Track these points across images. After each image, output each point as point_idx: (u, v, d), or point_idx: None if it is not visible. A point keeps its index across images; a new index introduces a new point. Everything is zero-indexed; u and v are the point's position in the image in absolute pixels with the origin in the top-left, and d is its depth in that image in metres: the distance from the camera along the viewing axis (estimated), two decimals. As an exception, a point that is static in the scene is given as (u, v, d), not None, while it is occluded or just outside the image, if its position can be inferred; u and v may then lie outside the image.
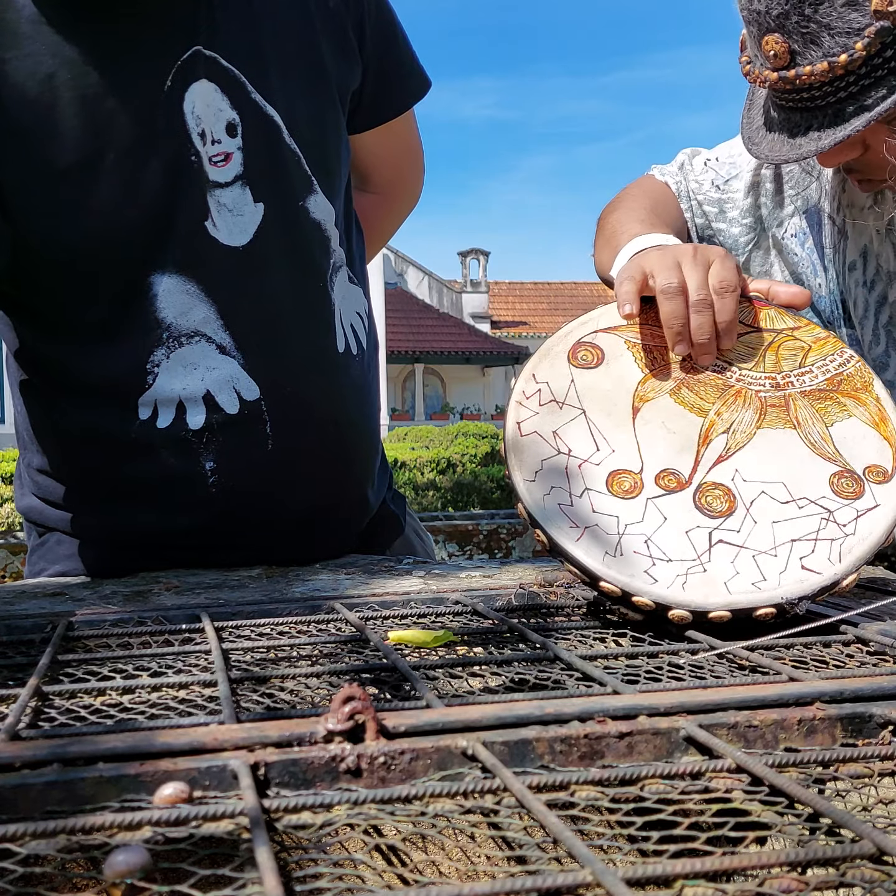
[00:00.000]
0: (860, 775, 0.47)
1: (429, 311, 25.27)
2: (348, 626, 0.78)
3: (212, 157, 1.03)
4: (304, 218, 1.10)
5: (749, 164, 1.29)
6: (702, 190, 1.31)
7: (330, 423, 1.14)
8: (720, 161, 1.32)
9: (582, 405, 0.84)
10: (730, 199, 1.30)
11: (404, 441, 9.73)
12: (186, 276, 1.04)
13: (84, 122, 0.97)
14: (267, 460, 1.09)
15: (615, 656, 0.68)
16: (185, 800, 0.43)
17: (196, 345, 1.05)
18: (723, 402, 0.85)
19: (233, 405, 1.07)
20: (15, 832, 0.40)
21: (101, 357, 1.06)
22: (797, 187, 1.27)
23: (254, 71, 1.04)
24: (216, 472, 1.08)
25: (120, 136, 0.98)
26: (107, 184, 0.99)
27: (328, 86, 1.12)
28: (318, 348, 1.12)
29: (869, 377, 0.86)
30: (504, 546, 3.57)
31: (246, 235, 1.05)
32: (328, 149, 1.13)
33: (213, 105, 1.02)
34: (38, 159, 0.97)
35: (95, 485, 1.14)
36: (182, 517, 1.11)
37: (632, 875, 0.35)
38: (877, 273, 1.21)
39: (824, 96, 0.98)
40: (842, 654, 0.68)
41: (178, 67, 1.00)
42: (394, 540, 1.30)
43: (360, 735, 0.47)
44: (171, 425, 1.06)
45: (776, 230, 1.29)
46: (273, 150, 1.06)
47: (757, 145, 1.09)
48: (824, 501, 0.79)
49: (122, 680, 0.63)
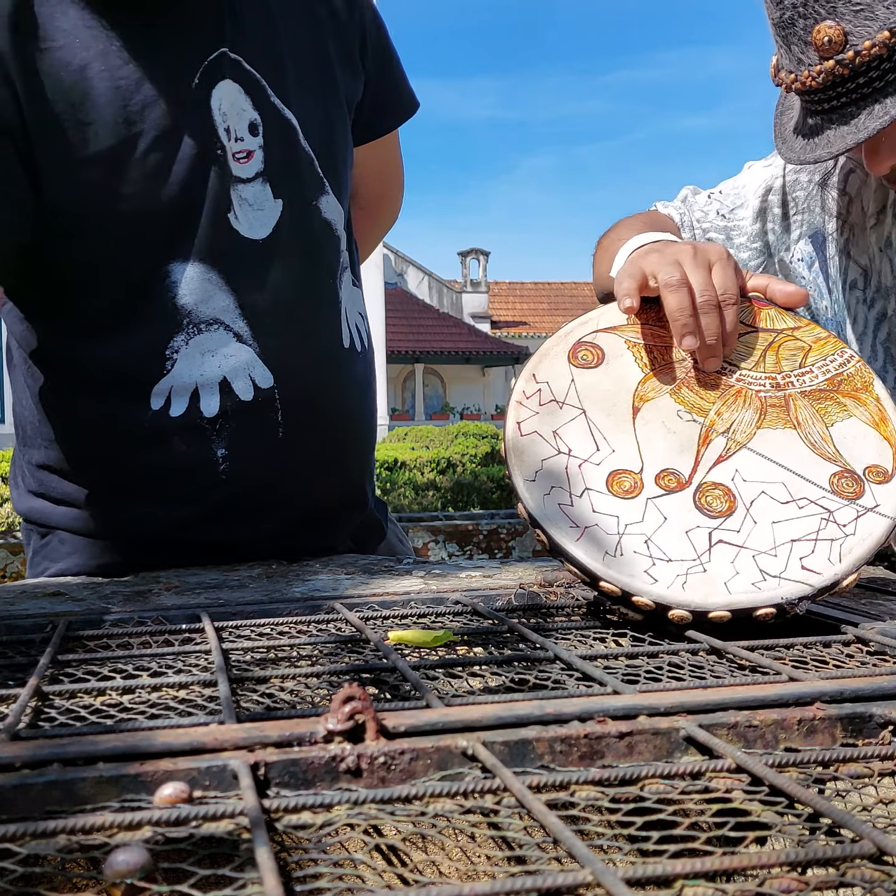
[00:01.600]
0: (860, 775, 0.47)
1: (429, 311, 25.26)
2: (348, 626, 0.78)
3: (235, 153, 1.08)
4: (317, 217, 1.15)
5: (757, 190, 1.32)
6: (707, 219, 1.34)
7: (336, 415, 1.18)
8: (724, 193, 1.36)
9: (582, 405, 0.84)
10: (736, 226, 1.33)
11: (404, 441, 9.72)
12: (208, 265, 1.07)
13: (116, 112, 1.01)
14: (277, 448, 1.13)
15: (615, 656, 0.68)
16: (185, 800, 0.43)
17: (215, 332, 1.09)
18: (723, 402, 0.85)
19: (248, 392, 1.10)
20: (15, 832, 0.40)
21: (120, 344, 1.08)
22: (803, 213, 1.29)
23: (273, 76, 1.10)
24: (227, 460, 1.11)
25: (150, 127, 1.03)
26: (137, 171, 1.03)
27: (337, 95, 1.19)
28: (328, 342, 1.17)
29: (869, 377, 0.86)
30: (504, 546, 3.57)
31: (266, 229, 1.10)
32: (337, 154, 1.19)
33: (237, 105, 1.08)
34: (72, 143, 1.01)
35: (104, 476, 1.15)
36: (190, 505, 1.12)
37: (632, 875, 0.35)
38: (877, 290, 1.23)
39: (871, 81, 0.98)
40: (842, 654, 0.68)
41: (205, 67, 1.06)
42: (377, 545, 1.32)
43: (360, 735, 0.47)
44: (185, 413, 1.09)
45: (784, 254, 1.31)
46: (290, 151, 1.12)
47: (791, 149, 1.10)
48: (824, 501, 0.79)
49: (122, 680, 0.63)
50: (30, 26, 0.98)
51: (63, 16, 1.00)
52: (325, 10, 1.18)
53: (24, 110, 0.98)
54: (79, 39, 1.00)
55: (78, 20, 1.00)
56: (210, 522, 1.13)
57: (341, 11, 1.19)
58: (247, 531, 1.15)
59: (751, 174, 1.35)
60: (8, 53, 0.97)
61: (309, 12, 1.16)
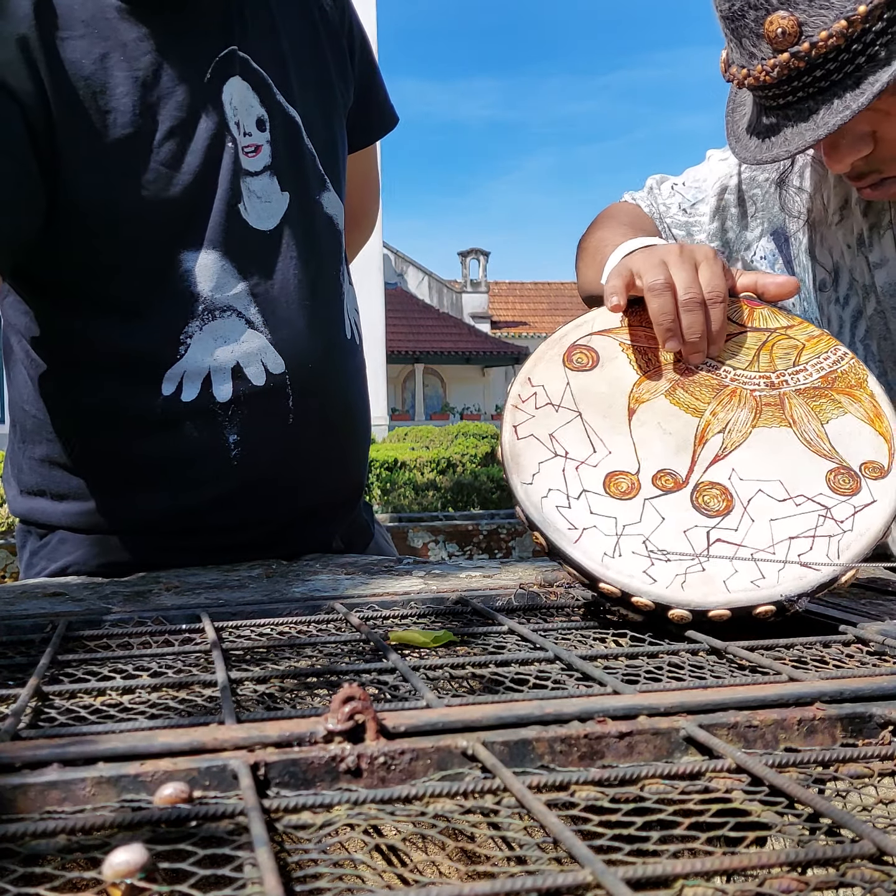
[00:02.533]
0: (860, 775, 0.47)
1: (429, 311, 25.27)
2: (348, 626, 0.78)
3: (244, 147, 1.11)
4: (320, 211, 1.19)
5: (714, 187, 1.29)
6: (669, 213, 1.32)
7: (341, 404, 1.21)
8: (686, 185, 1.32)
9: (578, 407, 0.84)
10: (696, 222, 1.31)
11: (404, 441, 9.72)
12: (221, 252, 1.10)
13: (134, 101, 1.04)
14: (287, 434, 1.15)
15: (615, 656, 0.68)
16: (185, 800, 0.43)
17: (228, 319, 1.11)
18: (718, 402, 0.85)
19: (260, 377, 1.12)
20: (15, 832, 0.40)
21: (135, 327, 1.10)
22: (762, 210, 1.27)
23: (277, 75, 1.14)
24: (238, 445, 1.13)
25: (167, 117, 1.06)
26: (153, 159, 1.06)
27: (335, 98, 1.23)
28: (334, 332, 1.20)
29: (863, 374, 0.86)
30: (504, 546, 3.57)
31: (273, 221, 1.14)
32: (336, 154, 1.23)
33: (246, 101, 1.11)
34: (92, 130, 1.03)
35: (112, 466, 1.15)
36: (201, 492, 1.13)
37: (632, 875, 0.35)
38: (850, 288, 1.21)
39: (829, 74, 0.93)
40: (842, 654, 0.68)
41: (216, 62, 1.10)
42: (366, 546, 1.34)
43: (360, 735, 0.47)
44: (197, 398, 1.11)
45: (745, 253, 1.29)
46: (295, 147, 1.16)
47: (746, 149, 1.05)
48: (821, 498, 0.79)
49: (122, 680, 0.63)
50: (50, 16, 1.01)
51: (81, 8, 1.03)
52: (321, 19, 1.22)
53: (48, 96, 1.01)
54: (97, 30, 1.04)
55: (96, 12, 1.04)
56: (219, 509, 1.14)
57: (334, 22, 1.24)
58: (253, 519, 1.17)
59: (709, 167, 1.32)
60: (33, 38, 1.00)
61: (308, 19, 1.21)
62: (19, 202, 1.02)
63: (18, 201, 1.02)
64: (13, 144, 1.00)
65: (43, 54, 1.00)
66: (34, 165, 1.02)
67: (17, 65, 0.99)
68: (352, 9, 1.28)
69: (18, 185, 1.01)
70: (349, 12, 1.27)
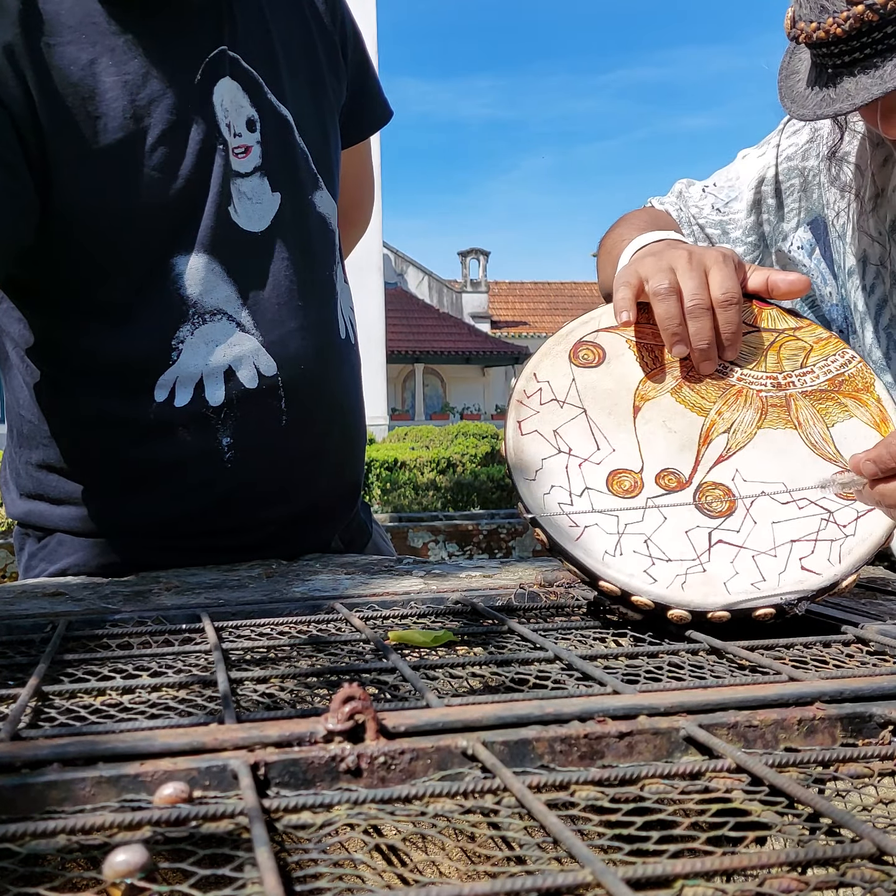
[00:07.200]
0: (860, 775, 0.47)
1: (429, 311, 25.26)
2: (348, 626, 0.78)
3: (234, 148, 1.10)
4: (313, 211, 1.18)
5: (749, 183, 1.30)
6: (702, 214, 1.32)
7: (335, 404, 1.21)
8: (718, 186, 1.34)
9: (583, 404, 0.84)
10: (731, 219, 1.31)
11: (404, 441, 9.72)
12: (211, 256, 1.09)
13: (124, 106, 1.03)
14: (281, 435, 1.15)
15: (615, 656, 0.68)
16: (185, 800, 0.43)
17: (218, 322, 1.10)
18: (724, 402, 0.85)
19: (252, 380, 1.12)
20: (15, 832, 0.40)
21: (127, 335, 1.09)
22: (801, 199, 1.27)
23: (268, 74, 1.13)
24: (232, 448, 1.13)
25: (157, 121, 1.05)
26: (145, 164, 1.05)
27: (327, 95, 1.22)
28: (327, 332, 1.19)
29: (870, 378, 0.86)
30: (504, 546, 3.57)
31: (264, 222, 1.13)
32: (329, 152, 1.22)
33: (236, 101, 1.11)
34: (82, 137, 1.02)
35: (108, 471, 1.15)
36: (196, 496, 1.13)
37: (632, 875, 0.35)
38: (877, 276, 1.21)
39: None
40: (842, 654, 0.68)
41: (206, 64, 1.08)
42: (364, 545, 1.34)
43: (360, 735, 0.47)
44: (190, 403, 1.10)
45: (782, 244, 1.29)
46: (286, 147, 1.15)
47: (804, 107, 1.04)
48: (824, 502, 0.78)
49: (122, 680, 0.63)
50: (37, 22, 1.00)
51: (68, 13, 1.02)
52: (312, 15, 1.22)
53: (36, 104, 1.00)
54: (85, 35, 1.02)
55: (83, 17, 1.02)
56: (215, 513, 1.14)
57: (326, 18, 1.23)
58: (250, 522, 1.16)
59: (745, 164, 1.33)
60: (19, 47, 0.99)
61: (298, 16, 1.20)
62: (11, 210, 1.01)
63: (10, 209, 1.00)
64: (3, 152, 0.99)
65: (30, 61, 0.99)
66: (25, 173, 1.01)
67: (4, 73, 0.98)
68: (343, 4, 1.27)
69: (9, 192, 1.00)
70: (341, 7, 1.26)
